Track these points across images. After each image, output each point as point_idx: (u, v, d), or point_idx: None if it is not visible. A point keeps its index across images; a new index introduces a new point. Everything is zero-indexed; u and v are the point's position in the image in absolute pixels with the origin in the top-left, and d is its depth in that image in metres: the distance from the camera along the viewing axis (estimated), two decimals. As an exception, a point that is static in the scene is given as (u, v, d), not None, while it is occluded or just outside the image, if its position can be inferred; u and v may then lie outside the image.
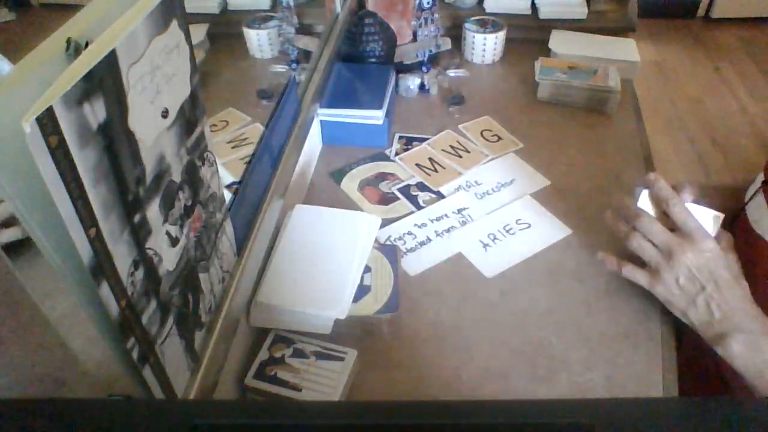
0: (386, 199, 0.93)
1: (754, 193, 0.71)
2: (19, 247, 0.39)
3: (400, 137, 1.06)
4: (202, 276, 0.57)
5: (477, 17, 1.29)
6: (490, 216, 0.90)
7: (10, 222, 0.37)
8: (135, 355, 0.46)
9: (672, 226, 0.68)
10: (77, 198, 0.37)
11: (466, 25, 1.27)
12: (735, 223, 0.75)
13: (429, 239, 0.86)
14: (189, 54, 0.50)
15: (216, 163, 0.59)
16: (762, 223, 0.69)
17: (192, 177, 0.53)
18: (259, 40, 1.11)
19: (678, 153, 2.32)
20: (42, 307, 0.40)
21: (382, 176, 0.98)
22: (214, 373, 0.60)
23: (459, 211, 0.91)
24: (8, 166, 0.33)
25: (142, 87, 0.43)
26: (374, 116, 1.00)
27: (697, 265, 0.64)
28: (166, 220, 0.49)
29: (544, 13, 1.33)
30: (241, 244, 0.69)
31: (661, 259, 0.67)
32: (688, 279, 0.65)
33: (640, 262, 0.71)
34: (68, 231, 0.36)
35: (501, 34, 1.25)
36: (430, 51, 1.18)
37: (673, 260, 0.65)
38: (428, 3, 1.13)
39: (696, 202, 0.70)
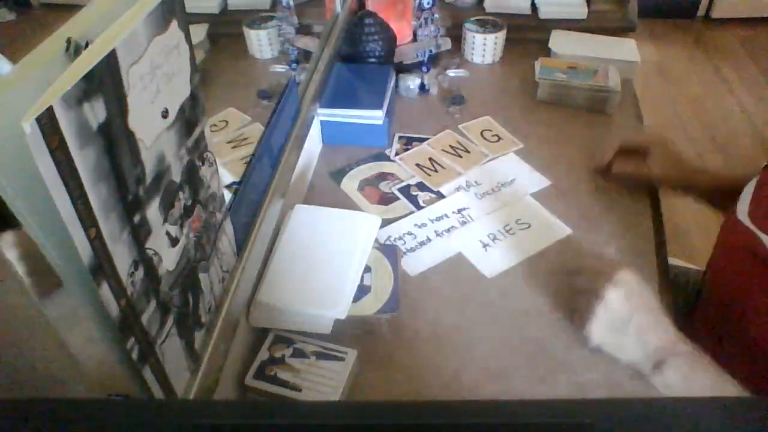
0: (386, 199, 0.93)
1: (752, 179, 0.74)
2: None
3: (400, 137, 1.06)
4: (202, 276, 0.57)
5: (477, 17, 1.29)
6: (490, 216, 0.90)
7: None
8: (135, 355, 0.46)
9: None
10: (77, 198, 0.37)
11: (466, 25, 1.27)
12: (728, 212, 0.78)
13: (429, 239, 0.86)
14: (189, 54, 0.50)
15: (216, 163, 0.59)
16: (743, 199, 0.72)
17: (192, 177, 0.53)
18: (259, 40, 1.11)
19: (678, 153, 2.32)
20: (42, 307, 0.40)
21: (382, 176, 0.98)
22: (214, 373, 0.60)
23: (459, 211, 0.91)
24: (8, 166, 0.33)
25: (142, 87, 0.43)
26: (374, 116, 1.00)
27: (623, 295, 0.67)
28: (166, 220, 0.49)
29: (544, 13, 1.33)
30: (241, 244, 0.69)
31: (591, 300, 0.68)
32: (617, 312, 0.66)
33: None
34: (68, 231, 0.36)
35: (501, 34, 1.25)
36: (430, 51, 1.18)
37: (601, 298, 0.67)
38: (428, 3, 1.13)
39: None
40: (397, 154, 1.02)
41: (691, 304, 0.89)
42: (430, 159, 1.01)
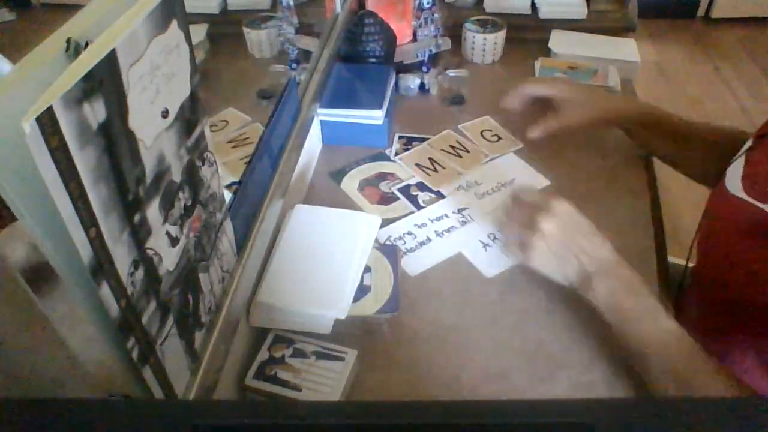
0: (386, 199, 0.93)
1: (738, 156, 0.75)
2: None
3: (400, 137, 1.06)
4: (202, 276, 0.57)
5: (477, 17, 1.29)
6: (490, 216, 0.90)
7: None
8: (135, 355, 0.46)
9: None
10: (77, 198, 0.37)
11: (466, 25, 1.27)
12: (714, 192, 0.79)
13: (429, 239, 0.86)
14: (189, 54, 0.50)
15: (216, 163, 0.59)
16: (732, 177, 0.73)
17: (192, 177, 0.53)
18: (259, 40, 1.11)
19: (678, 153, 2.33)
20: (42, 307, 0.40)
21: (382, 176, 0.98)
22: (214, 373, 0.60)
23: (459, 211, 0.91)
24: (8, 166, 0.33)
25: (142, 87, 0.43)
26: (374, 116, 1.00)
27: (557, 225, 0.70)
28: (166, 220, 0.49)
29: (544, 12, 1.33)
30: (241, 244, 0.69)
31: (529, 232, 0.72)
32: (554, 241, 0.70)
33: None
34: (68, 231, 0.36)
35: (501, 34, 1.25)
36: (430, 51, 1.18)
37: (539, 229, 0.71)
38: (428, 3, 1.13)
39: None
40: (397, 154, 1.02)
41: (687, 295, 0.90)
42: (430, 159, 1.01)
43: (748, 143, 0.75)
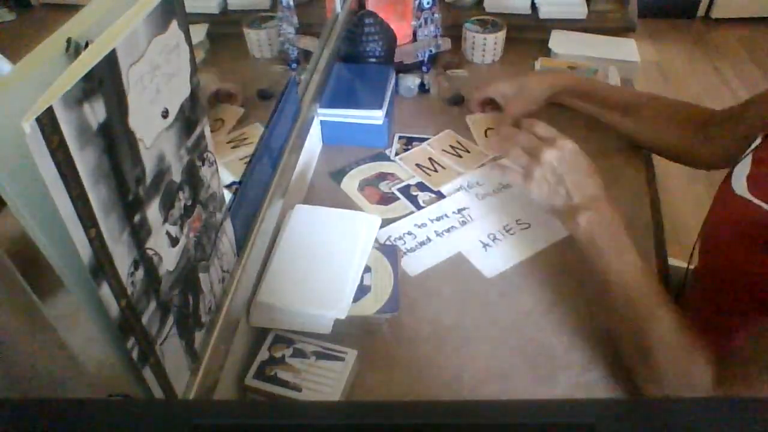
0: (386, 199, 0.93)
1: (745, 155, 0.74)
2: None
3: (400, 137, 1.06)
4: (202, 276, 0.57)
5: (477, 17, 1.29)
6: (490, 216, 0.90)
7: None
8: (135, 355, 0.46)
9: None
10: (77, 198, 0.37)
11: (466, 25, 1.26)
12: (719, 192, 0.79)
13: (429, 239, 0.86)
14: (189, 54, 0.50)
15: (216, 163, 0.59)
16: (738, 177, 0.73)
17: (192, 177, 0.53)
18: (259, 40, 1.11)
19: (678, 153, 2.32)
20: (42, 307, 0.40)
21: (382, 176, 0.98)
22: (214, 373, 0.60)
23: (459, 211, 0.91)
24: (8, 166, 0.33)
25: (142, 87, 0.43)
26: (374, 116, 1.00)
27: (557, 159, 0.75)
28: (166, 220, 0.49)
29: (544, 12, 1.33)
30: (241, 244, 0.69)
31: (531, 160, 0.77)
32: (551, 171, 0.75)
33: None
34: (68, 231, 0.36)
35: (501, 34, 1.25)
36: (430, 51, 1.18)
37: (540, 159, 0.76)
38: (428, 3, 1.13)
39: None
40: (397, 154, 1.02)
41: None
42: (430, 159, 1.01)
43: (757, 141, 0.74)
